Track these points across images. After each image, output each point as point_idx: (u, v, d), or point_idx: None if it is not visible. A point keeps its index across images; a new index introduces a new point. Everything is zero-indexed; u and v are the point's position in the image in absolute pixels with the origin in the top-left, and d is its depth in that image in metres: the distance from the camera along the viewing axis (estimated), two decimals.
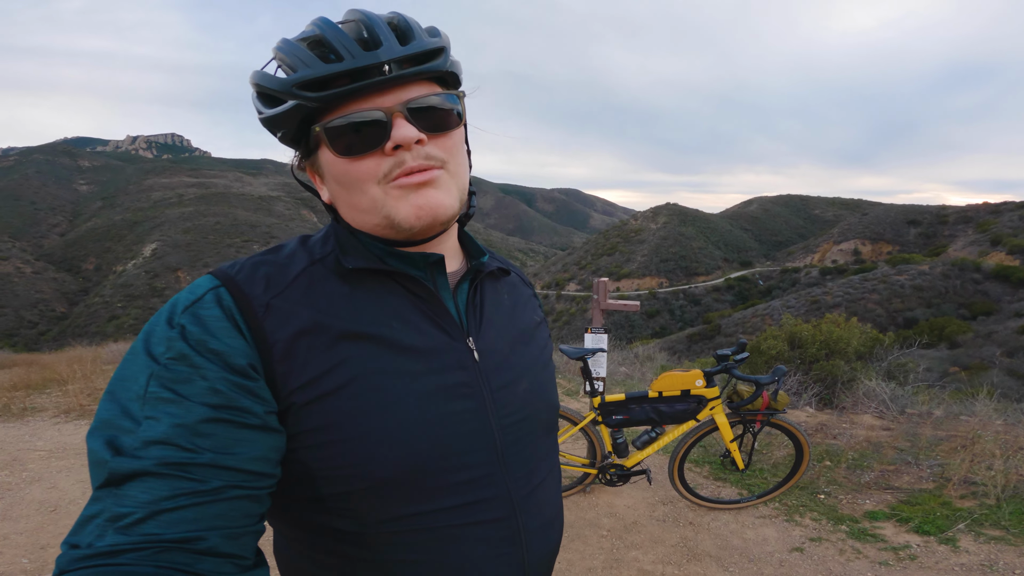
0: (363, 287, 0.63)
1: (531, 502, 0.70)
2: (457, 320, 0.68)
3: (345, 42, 0.58)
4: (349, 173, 0.61)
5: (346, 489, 0.58)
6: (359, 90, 0.58)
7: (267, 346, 0.56)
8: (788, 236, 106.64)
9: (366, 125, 0.58)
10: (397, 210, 0.60)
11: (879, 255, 72.13)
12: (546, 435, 0.76)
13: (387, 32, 0.59)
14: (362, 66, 0.57)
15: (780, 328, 7.48)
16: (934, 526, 2.96)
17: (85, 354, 8.70)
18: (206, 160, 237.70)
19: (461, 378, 0.64)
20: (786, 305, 45.14)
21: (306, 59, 0.58)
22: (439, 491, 0.62)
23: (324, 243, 0.67)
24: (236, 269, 0.60)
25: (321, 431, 0.57)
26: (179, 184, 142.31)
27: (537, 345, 0.78)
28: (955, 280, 46.43)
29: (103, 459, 0.48)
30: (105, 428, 0.50)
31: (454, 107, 0.64)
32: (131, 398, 0.51)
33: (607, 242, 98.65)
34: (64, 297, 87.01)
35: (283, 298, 0.59)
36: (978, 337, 32.39)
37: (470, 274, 0.71)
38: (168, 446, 0.48)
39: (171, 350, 0.52)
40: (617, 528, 3.10)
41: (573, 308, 70.70)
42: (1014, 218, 60.84)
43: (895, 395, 5.27)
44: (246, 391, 0.53)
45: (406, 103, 0.59)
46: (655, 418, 3.01)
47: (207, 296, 0.56)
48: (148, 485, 0.47)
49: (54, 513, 3.12)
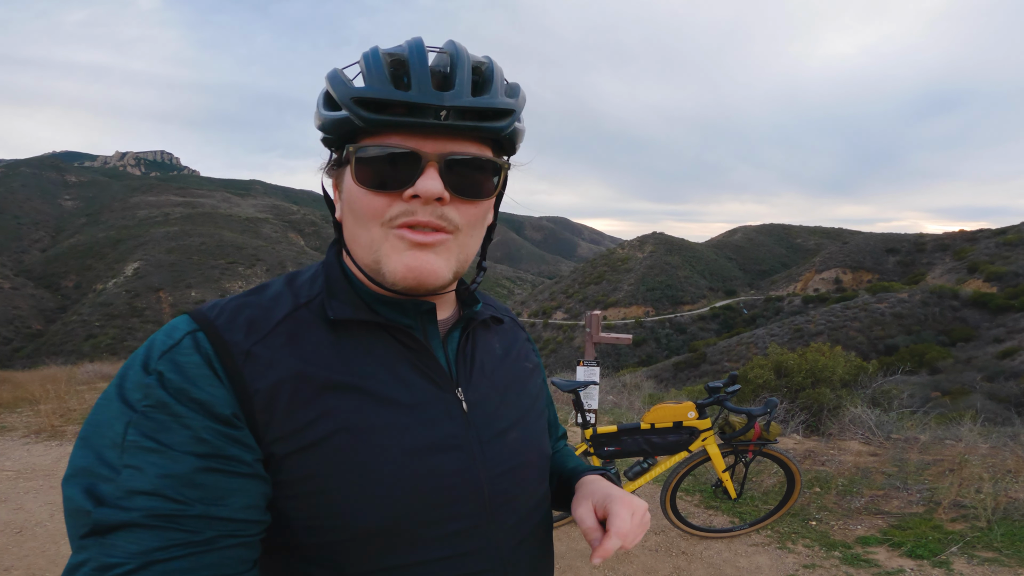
0: (349, 335, 0.61)
1: (519, 554, 0.67)
2: (447, 370, 0.66)
3: (420, 73, 0.55)
4: (360, 203, 0.59)
5: (327, 540, 0.57)
6: (408, 126, 0.55)
7: (248, 395, 0.53)
8: (772, 265, 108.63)
9: (397, 162, 0.56)
10: (388, 260, 0.58)
11: (859, 283, 73.67)
12: (538, 484, 0.73)
13: (466, 77, 0.56)
14: (421, 103, 0.54)
15: (767, 357, 7.56)
16: (927, 550, 2.95)
17: (59, 373, 8.46)
18: (194, 179, 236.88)
19: (449, 430, 0.62)
20: (770, 334, 45.68)
21: (377, 75, 0.55)
22: (423, 543, 0.60)
23: (312, 284, 0.64)
24: (216, 312, 0.57)
25: (302, 482, 0.55)
26: (166, 203, 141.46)
27: (529, 394, 0.76)
28: (934, 307, 47.51)
29: (84, 508, 0.46)
30: (82, 476, 0.48)
31: (494, 177, 0.61)
32: (107, 445, 0.49)
33: (594, 271, 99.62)
34: (41, 314, 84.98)
35: (264, 345, 0.56)
36: (958, 363, 33.02)
37: (462, 322, 0.69)
38: (155, 497, 0.47)
39: (149, 397, 0.50)
40: (609, 559, 3.02)
41: (560, 336, 70.80)
42: (990, 245, 62.81)
43: (880, 421, 5.31)
44: (233, 440, 0.51)
45: (446, 155, 0.56)
46: (647, 449, 2.99)
47: (185, 341, 0.54)
48: (137, 536, 0.45)
49: (19, 535, 3.00)
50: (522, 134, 0.64)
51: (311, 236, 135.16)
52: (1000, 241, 62.11)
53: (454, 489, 0.61)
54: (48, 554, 2.91)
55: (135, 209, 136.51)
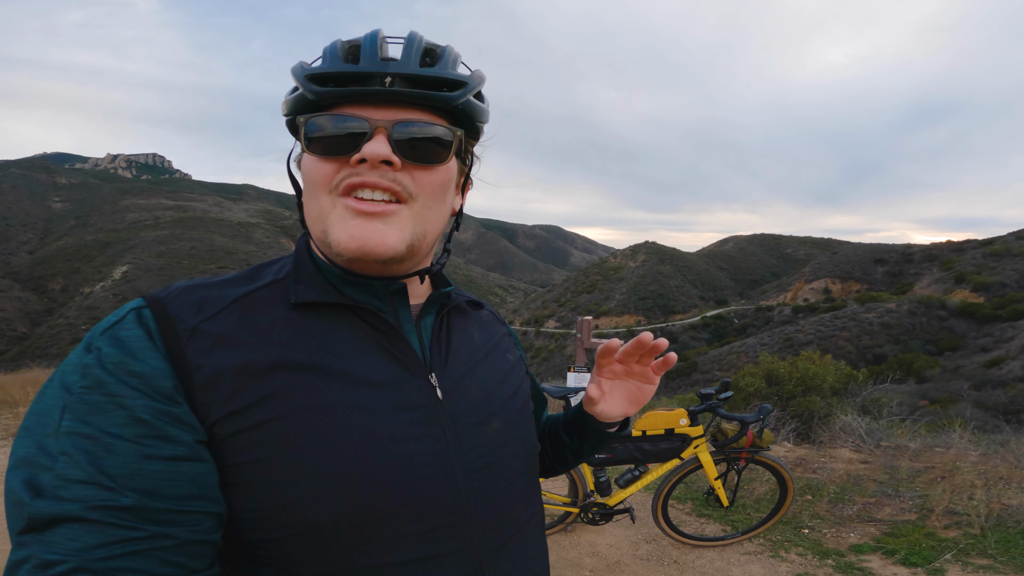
0: (313, 315, 0.58)
1: (502, 557, 0.61)
2: (420, 355, 0.62)
3: (370, 50, 0.56)
4: (310, 172, 0.58)
5: (277, 535, 0.51)
6: (354, 95, 0.56)
7: (188, 372, 0.50)
8: (762, 275, 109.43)
9: (345, 130, 0.56)
10: (333, 229, 0.56)
11: (848, 293, 74.34)
12: (523, 480, 0.68)
13: (415, 52, 0.57)
14: (367, 72, 0.55)
15: (757, 365, 7.56)
16: (921, 557, 2.93)
17: (41, 376, 8.28)
18: (186, 183, 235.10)
19: (419, 416, 0.58)
20: (761, 343, 45.91)
21: (330, 55, 0.58)
22: (390, 542, 0.54)
23: (279, 271, 0.62)
24: (167, 291, 0.56)
25: (245, 468, 0.50)
26: (156, 206, 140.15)
27: (511, 384, 0.71)
28: (922, 317, 48.00)
29: (22, 500, 0.44)
30: (23, 466, 0.46)
31: (447, 143, 0.59)
32: (47, 433, 0.46)
33: (587, 279, 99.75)
34: (27, 317, 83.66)
35: (214, 322, 0.54)
36: (945, 371, 33.34)
37: (434, 305, 0.66)
38: (91, 486, 0.44)
39: (86, 378, 0.47)
40: (600, 568, 2.98)
41: (552, 345, 70.68)
42: (977, 255, 63.53)
43: (871, 429, 5.31)
44: (172, 418, 0.48)
45: (398, 122, 0.56)
46: (639, 456, 2.95)
47: (129, 316, 0.52)
48: (74, 532, 0.43)
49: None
50: (483, 113, 0.63)
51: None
52: (987, 252, 62.90)
53: (425, 481, 0.56)
54: None
55: (125, 212, 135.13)
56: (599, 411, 0.78)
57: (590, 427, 0.81)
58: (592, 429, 0.81)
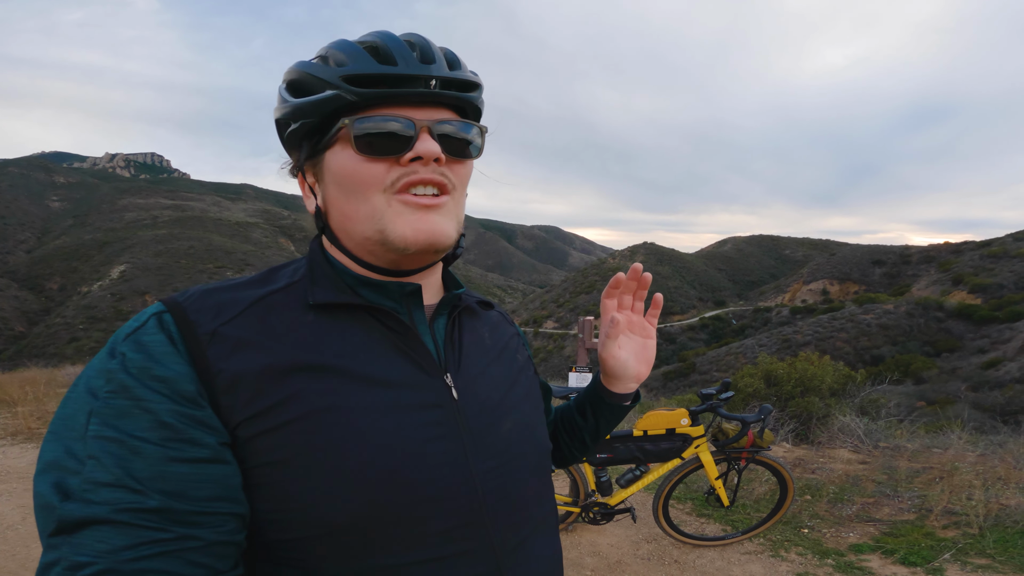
0: (329, 317, 0.59)
1: (520, 556, 0.62)
2: (435, 356, 0.63)
3: (403, 51, 0.58)
4: (358, 174, 0.58)
5: (296, 535, 0.52)
6: (401, 96, 0.58)
7: (210, 376, 0.51)
8: (760, 276, 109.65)
9: (394, 130, 0.58)
10: (395, 225, 0.58)
11: (846, 294, 74.50)
12: (537, 479, 0.68)
13: (440, 55, 0.61)
14: (412, 74, 0.57)
15: (756, 366, 7.57)
16: (920, 557, 2.94)
17: (39, 376, 8.28)
18: (185, 182, 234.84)
19: (436, 416, 0.59)
20: (759, 344, 45.97)
21: (360, 56, 0.59)
22: (408, 542, 0.55)
23: (294, 273, 0.63)
24: (186, 296, 0.57)
25: (267, 469, 0.52)
26: (155, 205, 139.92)
27: (523, 385, 0.73)
28: (919, 318, 48.14)
29: (51, 503, 0.45)
30: (51, 470, 0.47)
31: (476, 139, 0.64)
32: (74, 437, 0.47)
33: (585, 280, 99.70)
34: (24, 316, 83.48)
35: (233, 325, 0.55)
36: (943, 373, 33.45)
37: (446, 307, 0.67)
38: (119, 489, 0.45)
39: (111, 383, 0.49)
40: (601, 568, 2.99)
41: (551, 345, 70.68)
42: (974, 257, 63.73)
43: (869, 430, 5.32)
44: (196, 421, 0.49)
45: (437, 122, 0.60)
46: (640, 456, 2.95)
47: (150, 322, 0.53)
48: (103, 534, 0.44)
49: None
50: (483, 107, 0.69)
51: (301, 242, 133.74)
52: (984, 253, 63.11)
53: (443, 481, 0.57)
54: (19, 557, 2.84)
55: (123, 211, 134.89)
56: (620, 363, 0.81)
57: (605, 402, 0.84)
58: (608, 404, 0.84)
